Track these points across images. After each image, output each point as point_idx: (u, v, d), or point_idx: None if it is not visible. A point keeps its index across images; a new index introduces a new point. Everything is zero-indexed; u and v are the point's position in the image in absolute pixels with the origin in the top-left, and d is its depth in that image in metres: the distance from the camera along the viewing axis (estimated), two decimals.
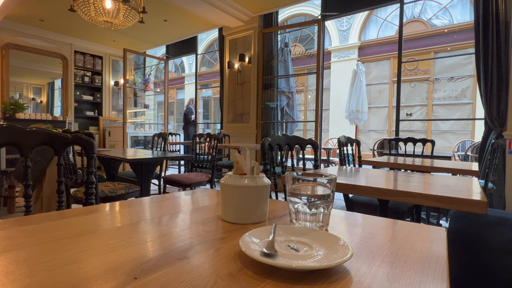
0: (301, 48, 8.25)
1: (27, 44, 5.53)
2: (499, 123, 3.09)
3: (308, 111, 8.62)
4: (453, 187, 1.05)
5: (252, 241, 0.42)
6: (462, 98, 6.75)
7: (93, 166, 1.10)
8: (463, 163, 2.60)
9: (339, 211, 0.73)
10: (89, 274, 0.35)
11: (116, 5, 3.03)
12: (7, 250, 0.42)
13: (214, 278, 0.34)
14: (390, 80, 7.47)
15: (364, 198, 1.85)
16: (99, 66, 6.61)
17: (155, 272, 0.36)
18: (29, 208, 0.97)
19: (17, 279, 0.33)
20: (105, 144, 6.44)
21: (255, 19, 4.86)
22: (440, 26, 6.80)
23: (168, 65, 6.89)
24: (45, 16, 5.02)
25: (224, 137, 5.03)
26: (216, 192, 0.90)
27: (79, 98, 6.33)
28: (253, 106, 4.95)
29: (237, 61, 5.04)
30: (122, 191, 2.19)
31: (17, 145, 0.94)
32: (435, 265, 0.40)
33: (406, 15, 6.83)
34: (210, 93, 10.68)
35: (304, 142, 1.69)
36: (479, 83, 3.21)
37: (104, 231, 0.52)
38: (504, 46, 3.01)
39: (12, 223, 0.55)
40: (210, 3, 4.30)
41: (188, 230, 0.54)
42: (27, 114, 5.45)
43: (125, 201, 0.77)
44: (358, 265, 0.38)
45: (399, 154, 3.22)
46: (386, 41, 7.37)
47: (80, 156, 2.02)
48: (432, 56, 6.98)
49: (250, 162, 0.61)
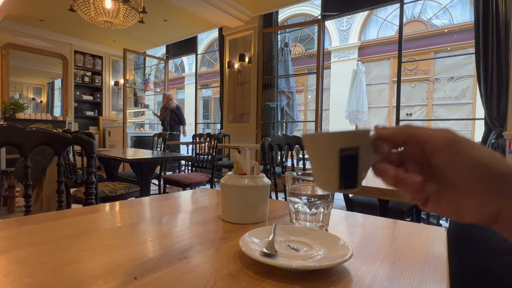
0: (301, 48, 8.25)
1: (27, 44, 5.53)
2: (499, 123, 3.09)
3: (308, 111, 8.62)
4: None
5: (252, 241, 0.42)
6: (462, 98, 6.75)
7: (93, 166, 1.10)
8: None
9: (339, 211, 0.73)
10: (89, 274, 0.35)
11: (116, 5, 3.03)
12: (7, 250, 0.42)
13: (214, 278, 0.34)
14: (390, 80, 7.47)
15: (364, 198, 1.85)
16: (99, 66, 6.61)
17: (155, 272, 0.36)
18: (29, 208, 0.97)
19: (17, 279, 0.33)
20: (105, 144, 6.44)
21: (255, 19, 4.86)
22: (440, 26, 6.80)
23: (168, 65, 6.90)
24: (45, 16, 5.02)
25: (224, 137, 5.03)
26: (216, 192, 0.90)
27: (79, 98, 6.33)
28: (253, 106, 4.94)
29: (237, 61, 5.04)
30: (122, 191, 2.19)
31: (17, 145, 0.94)
32: (435, 265, 0.40)
33: (406, 15, 6.83)
34: (210, 93, 10.68)
35: None
36: (479, 83, 3.21)
37: (104, 231, 0.52)
38: (504, 46, 3.01)
39: (12, 223, 0.55)
40: (210, 3, 4.30)
41: (188, 230, 0.54)
42: (27, 114, 5.45)
43: (125, 201, 0.77)
44: (358, 265, 0.38)
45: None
46: (386, 41, 7.37)
47: (80, 156, 2.02)
48: (432, 56, 6.98)
49: (250, 162, 0.61)
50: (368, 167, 0.32)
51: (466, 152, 0.27)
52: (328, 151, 0.31)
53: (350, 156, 0.31)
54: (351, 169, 0.31)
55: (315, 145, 0.33)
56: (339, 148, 0.30)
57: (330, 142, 0.31)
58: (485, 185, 0.27)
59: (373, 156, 0.32)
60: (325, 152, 0.32)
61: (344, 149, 0.30)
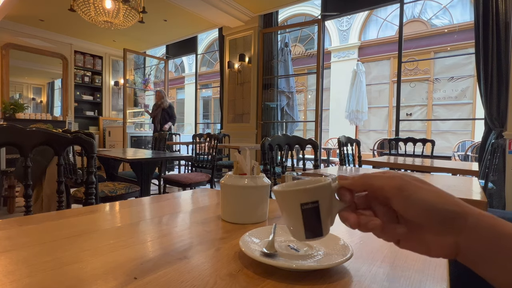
0: (301, 48, 8.25)
1: (27, 44, 5.53)
2: (499, 123, 3.09)
3: (308, 111, 8.62)
4: (453, 187, 1.05)
5: (252, 241, 0.42)
6: (462, 98, 6.75)
7: (93, 166, 1.10)
8: (463, 163, 2.60)
9: None
10: (89, 274, 0.35)
11: (116, 5, 3.03)
12: (7, 250, 0.42)
13: (214, 278, 0.34)
14: (390, 80, 7.47)
15: None
16: (99, 66, 6.61)
17: (155, 272, 0.36)
18: (29, 208, 0.97)
19: (17, 279, 0.33)
20: (105, 144, 6.43)
21: (255, 19, 4.86)
22: (440, 26, 6.80)
23: (168, 65, 6.90)
24: (45, 16, 5.02)
25: (224, 137, 5.03)
26: (216, 192, 0.90)
27: (79, 98, 6.33)
28: (253, 106, 4.94)
29: (237, 61, 5.04)
30: (122, 191, 2.19)
31: (17, 145, 0.94)
32: (435, 265, 0.40)
33: (406, 15, 6.83)
34: (210, 93, 10.68)
35: (304, 142, 1.69)
36: (479, 83, 3.21)
37: (104, 231, 0.52)
38: (504, 46, 3.01)
39: (12, 223, 0.55)
40: (210, 3, 4.30)
41: (188, 230, 0.54)
42: (27, 114, 5.45)
43: (125, 201, 0.77)
44: (358, 265, 0.38)
45: (399, 154, 3.22)
46: (386, 41, 7.37)
47: (80, 156, 2.02)
48: (432, 56, 6.98)
49: (250, 162, 0.61)
50: (334, 214, 0.35)
51: (415, 196, 0.30)
52: (291, 206, 0.34)
53: (311, 209, 0.34)
54: (314, 220, 0.34)
55: (281, 199, 0.36)
56: (300, 203, 0.34)
57: (292, 198, 0.34)
58: (439, 223, 0.30)
59: (338, 204, 0.35)
60: (289, 206, 0.35)
61: (305, 203, 0.34)
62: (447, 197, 0.31)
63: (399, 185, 0.31)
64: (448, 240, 0.30)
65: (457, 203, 0.30)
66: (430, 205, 0.30)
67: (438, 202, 0.30)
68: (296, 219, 0.35)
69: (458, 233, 0.30)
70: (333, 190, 0.35)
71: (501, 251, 0.28)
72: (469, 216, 0.30)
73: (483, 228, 0.29)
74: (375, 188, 0.33)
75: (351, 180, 0.34)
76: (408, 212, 0.31)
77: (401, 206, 0.32)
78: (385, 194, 0.32)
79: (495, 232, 0.29)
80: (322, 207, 0.34)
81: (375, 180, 0.33)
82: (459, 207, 0.30)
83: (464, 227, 0.29)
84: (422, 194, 0.31)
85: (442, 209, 0.30)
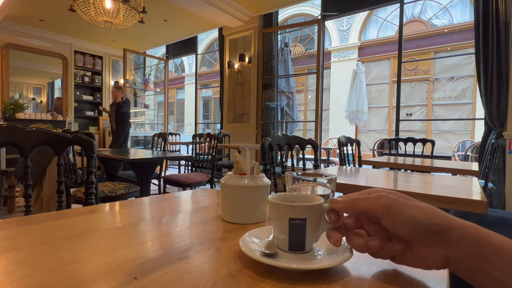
0: (301, 48, 8.25)
1: (27, 44, 5.53)
2: (499, 123, 3.09)
3: (308, 111, 8.62)
4: (453, 187, 1.05)
5: (252, 241, 0.42)
6: (462, 98, 6.75)
7: (93, 166, 1.10)
8: (463, 163, 2.60)
9: None
10: (89, 274, 0.35)
11: (116, 5, 3.03)
12: (7, 250, 0.42)
13: (214, 278, 0.34)
14: (390, 80, 7.47)
15: None
16: (99, 66, 6.61)
17: (155, 272, 0.36)
18: (29, 208, 0.97)
19: (17, 279, 0.33)
20: (105, 144, 6.44)
21: (255, 19, 4.86)
22: (440, 26, 6.80)
23: (168, 65, 6.90)
24: (45, 16, 5.02)
25: (224, 137, 5.03)
26: (216, 192, 0.90)
27: (79, 98, 6.33)
28: (253, 106, 4.95)
29: (237, 61, 5.04)
30: (122, 191, 2.19)
31: (17, 145, 0.94)
32: None
33: (406, 15, 6.83)
34: (210, 93, 10.68)
35: (304, 142, 1.69)
36: (479, 83, 3.21)
37: (104, 231, 0.52)
38: (504, 46, 3.01)
39: (12, 223, 0.55)
40: (210, 3, 4.30)
41: (188, 230, 0.54)
42: (27, 114, 5.45)
43: (125, 201, 0.77)
44: (358, 265, 0.38)
45: (399, 154, 3.22)
46: (386, 41, 7.37)
47: (80, 156, 2.02)
48: (432, 56, 6.99)
49: (250, 162, 0.61)
50: (321, 233, 0.38)
51: (403, 213, 0.32)
52: (280, 217, 0.37)
53: (298, 225, 0.36)
54: (299, 235, 0.37)
55: (272, 209, 0.38)
56: (289, 218, 0.36)
57: (283, 211, 0.37)
58: (427, 238, 0.32)
59: (326, 224, 0.37)
60: (279, 217, 0.37)
61: (293, 219, 0.36)
62: (433, 212, 0.32)
63: (386, 204, 0.33)
64: (439, 253, 0.32)
65: (442, 217, 0.32)
66: (417, 221, 0.32)
67: (424, 217, 0.32)
68: (283, 230, 0.37)
69: (446, 246, 0.31)
70: (323, 211, 0.37)
71: (485, 261, 0.29)
72: (453, 229, 0.31)
73: (466, 239, 0.30)
74: (363, 211, 0.36)
75: (342, 204, 0.36)
76: (397, 229, 0.33)
77: (390, 224, 0.34)
78: (375, 215, 0.35)
79: (478, 242, 0.30)
80: (309, 225, 0.36)
81: (363, 203, 0.35)
82: (444, 221, 0.31)
83: (450, 239, 0.31)
84: (409, 211, 0.32)
85: (428, 224, 0.32)
